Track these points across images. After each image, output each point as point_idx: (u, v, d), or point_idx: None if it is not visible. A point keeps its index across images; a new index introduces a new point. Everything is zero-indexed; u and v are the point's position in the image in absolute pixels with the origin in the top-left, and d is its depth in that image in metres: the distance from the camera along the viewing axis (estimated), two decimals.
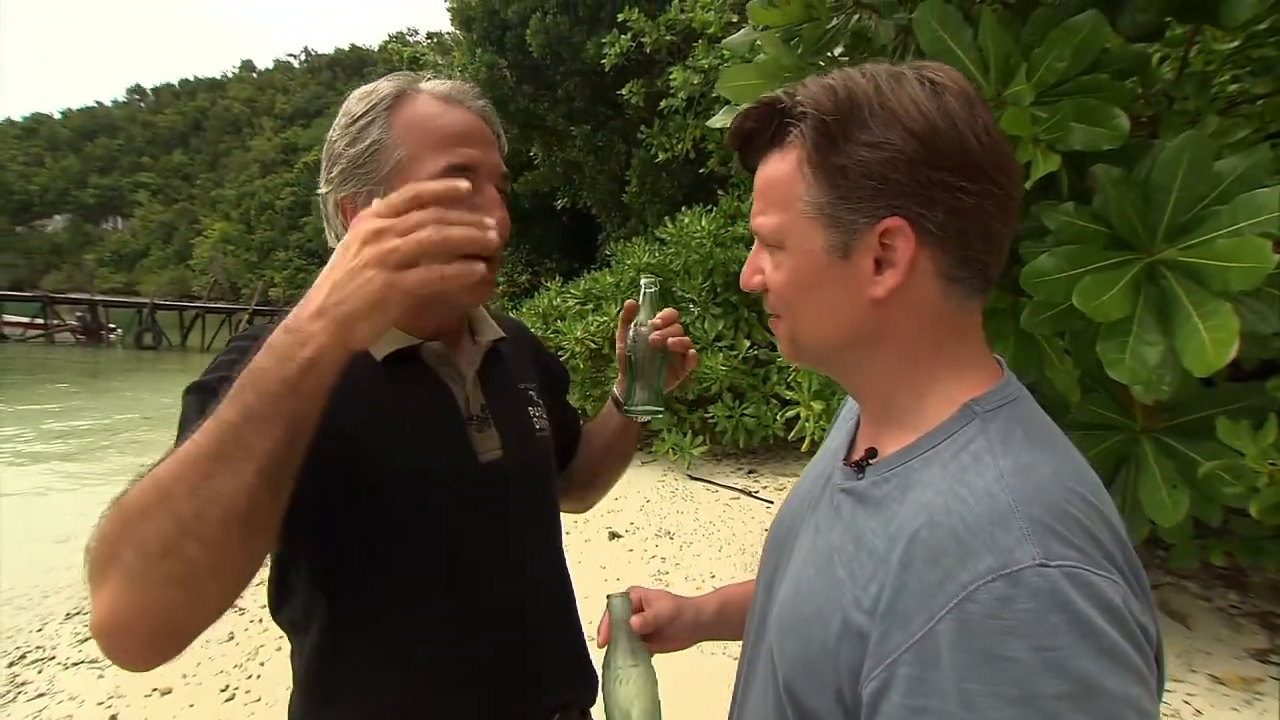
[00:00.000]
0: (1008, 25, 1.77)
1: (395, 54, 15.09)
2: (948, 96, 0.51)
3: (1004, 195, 0.52)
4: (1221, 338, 1.38)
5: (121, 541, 0.53)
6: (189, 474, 0.53)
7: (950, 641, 0.42)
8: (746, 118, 0.57)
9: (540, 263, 12.29)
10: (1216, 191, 1.51)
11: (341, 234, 0.80)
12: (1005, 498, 0.46)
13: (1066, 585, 0.41)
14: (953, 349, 0.56)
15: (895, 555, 0.48)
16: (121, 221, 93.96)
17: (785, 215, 0.55)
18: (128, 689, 2.63)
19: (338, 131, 0.79)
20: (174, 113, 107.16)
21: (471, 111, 0.81)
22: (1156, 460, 1.80)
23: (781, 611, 0.59)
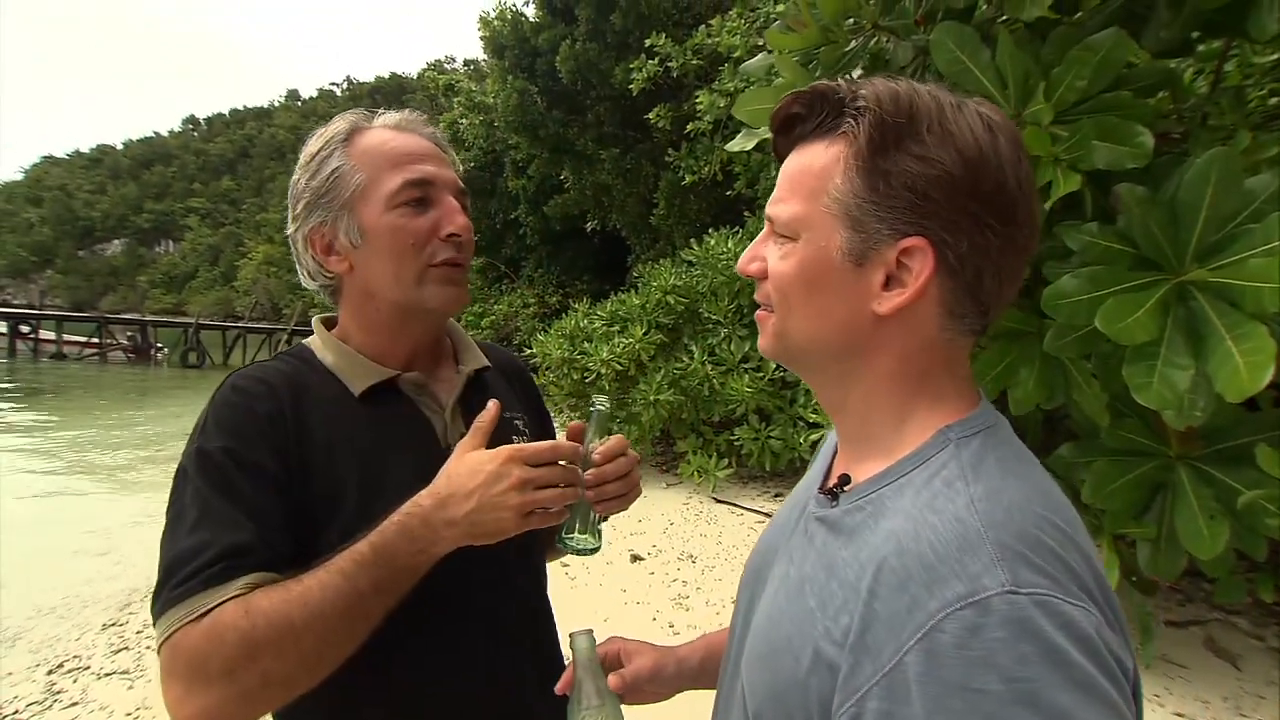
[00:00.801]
0: (1026, 45, 1.75)
1: (432, 81, 15.52)
2: (1001, 137, 0.51)
3: (1023, 245, 0.52)
4: (1257, 361, 1.32)
5: (245, 667, 0.62)
6: (319, 625, 0.64)
7: (919, 673, 0.41)
8: (795, 100, 0.55)
9: (571, 284, 12.42)
10: (1249, 209, 1.46)
11: (314, 270, 0.84)
12: (974, 523, 0.44)
13: (1037, 613, 0.40)
14: (937, 379, 0.55)
15: (864, 584, 0.46)
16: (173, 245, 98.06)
17: (809, 206, 0.54)
18: (154, 700, 2.69)
19: (299, 171, 0.84)
20: (224, 141, 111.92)
21: (421, 136, 0.85)
22: (1194, 489, 1.73)
23: (753, 643, 0.57)
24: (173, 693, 0.62)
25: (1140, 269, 1.52)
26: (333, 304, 0.88)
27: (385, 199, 0.80)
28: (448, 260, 0.82)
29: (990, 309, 0.53)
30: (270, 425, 0.74)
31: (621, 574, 3.81)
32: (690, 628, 3.11)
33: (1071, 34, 1.70)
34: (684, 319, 6.15)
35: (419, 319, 0.84)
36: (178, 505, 0.71)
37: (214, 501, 0.69)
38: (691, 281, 6.12)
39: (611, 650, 0.79)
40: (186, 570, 0.65)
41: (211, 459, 0.72)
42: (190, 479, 0.71)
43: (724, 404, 5.34)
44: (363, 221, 0.80)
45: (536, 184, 11.57)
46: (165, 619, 0.64)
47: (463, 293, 0.84)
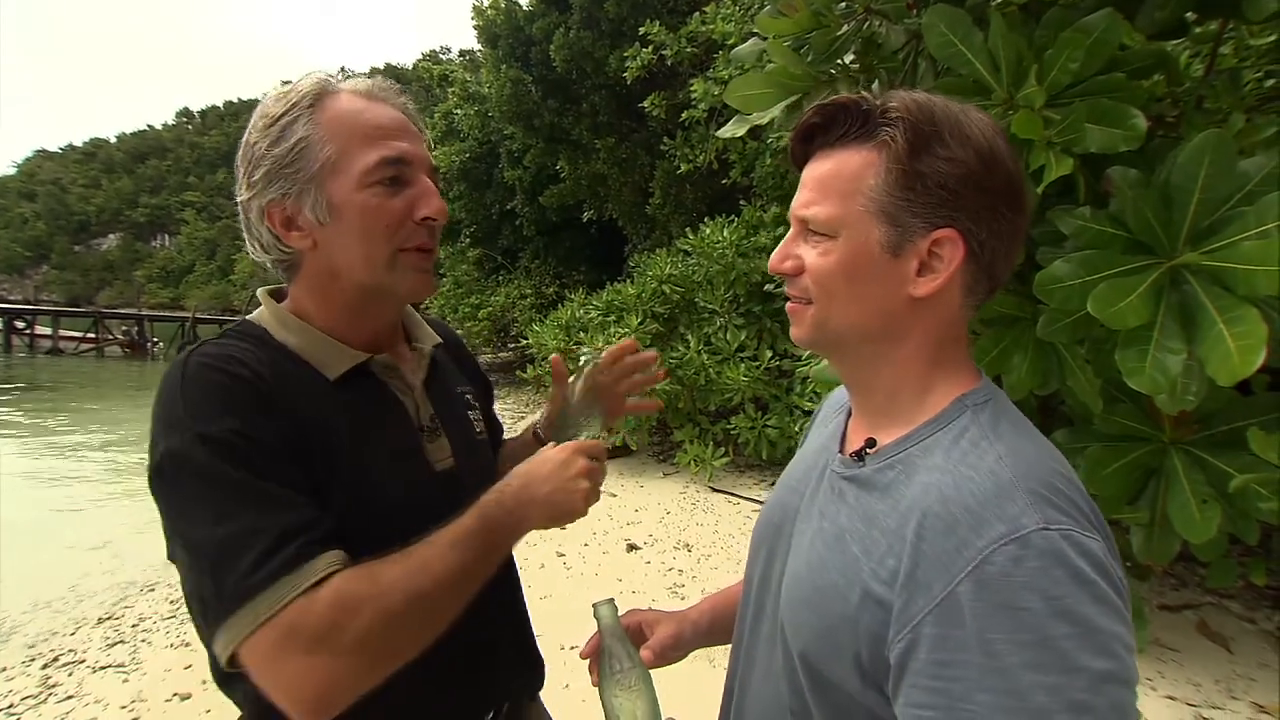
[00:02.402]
0: (1019, 27, 1.73)
1: (426, 72, 15.43)
2: (998, 136, 0.59)
3: (1022, 227, 0.61)
4: (1248, 344, 1.31)
5: (380, 636, 0.64)
6: (443, 595, 0.69)
7: (971, 599, 0.49)
8: (816, 113, 0.61)
9: (568, 275, 12.38)
10: (1242, 192, 1.45)
11: (269, 242, 0.78)
12: (1007, 474, 0.53)
13: (1064, 545, 0.49)
14: (952, 350, 0.63)
15: (910, 530, 0.54)
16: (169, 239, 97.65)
17: (845, 207, 0.59)
18: (150, 694, 2.70)
19: (257, 133, 0.76)
20: (219, 134, 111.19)
21: (395, 107, 0.80)
22: (1186, 473, 1.72)
23: (793, 590, 0.64)
24: (292, 668, 0.62)
25: (1133, 253, 1.51)
26: (285, 279, 0.83)
27: (359, 175, 0.74)
28: (419, 245, 0.79)
29: (999, 283, 0.62)
30: (262, 402, 0.70)
31: (617, 563, 3.82)
32: None
33: (1065, 16, 1.68)
34: (680, 309, 6.13)
35: (385, 303, 0.81)
36: (193, 500, 0.65)
37: (249, 484, 0.65)
38: (687, 271, 6.10)
39: (633, 622, 0.85)
40: (256, 554, 0.62)
41: (220, 442, 0.65)
42: (199, 468, 0.65)
43: (720, 393, 5.33)
44: (332, 198, 0.75)
45: (532, 174, 11.51)
46: (253, 606, 0.61)
47: (431, 279, 0.81)
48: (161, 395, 0.70)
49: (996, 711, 0.47)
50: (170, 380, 0.71)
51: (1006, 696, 0.46)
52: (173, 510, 0.67)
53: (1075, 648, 0.46)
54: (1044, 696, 0.46)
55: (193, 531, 0.65)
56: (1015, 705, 0.46)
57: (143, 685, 2.80)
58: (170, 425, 0.67)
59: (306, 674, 0.62)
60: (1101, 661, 0.46)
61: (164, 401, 0.69)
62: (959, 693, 0.48)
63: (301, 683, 0.62)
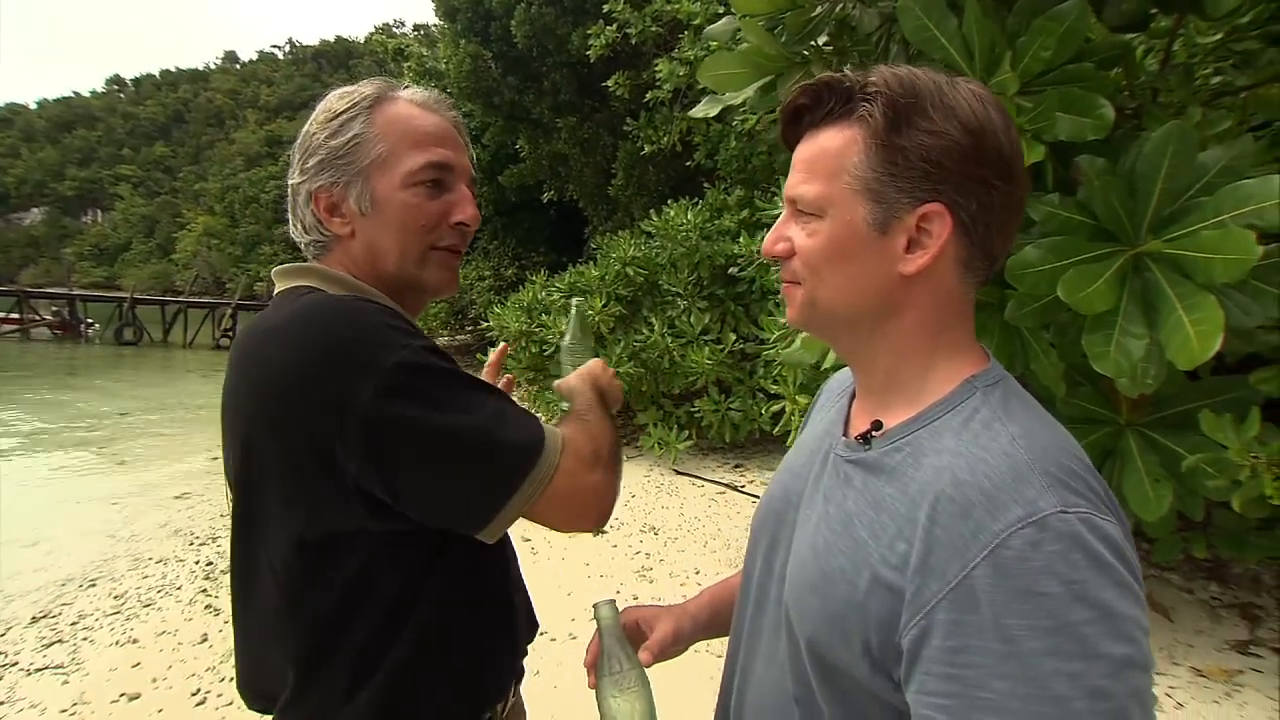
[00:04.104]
0: (992, 14, 1.74)
1: (380, 45, 14.86)
2: (990, 107, 0.58)
3: (1019, 199, 0.60)
4: (1206, 330, 1.36)
5: (614, 456, 0.83)
6: (614, 430, 0.86)
7: (987, 584, 0.48)
8: (801, 93, 0.61)
9: (527, 256, 12.20)
10: (1201, 183, 1.49)
11: (311, 224, 0.85)
12: (1022, 456, 0.52)
13: (1082, 528, 0.48)
14: (954, 330, 0.61)
15: (921, 514, 0.53)
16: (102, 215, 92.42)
17: (831, 186, 0.59)
18: (93, 695, 2.57)
19: (317, 125, 0.83)
20: (155, 104, 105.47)
21: (445, 119, 0.87)
22: (1140, 454, 1.79)
23: (799, 574, 0.63)
24: (590, 483, 0.78)
25: (1099, 240, 1.55)
26: (314, 259, 0.87)
27: (404, 175, 0.81)
28: (450, 246, 0.86)
29: (997, 258, 0.61)
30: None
31: (584, 547, 3.81)
32: (655, 599, 3.14)
33: (1036, 4, 1.70)
34: (643, 291, 6.10)
35: (413, 295, 0.87)
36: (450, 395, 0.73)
37: (476, 379, 0.76)
38: (651, 253, 6.06)
39: (630, 620, 0.85)
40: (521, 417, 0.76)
41: (441, 352, 0.75)
42: (441, 370, 0.73)
43: (684, 376, 5.34)
44: (376, 192, 0.81)
45: (491, 153, 11.25)
46: (549, 444, 0.75)
47: (456, 279, 0.89)
48: (332, 329, 0.72)
49: (1013, 699, 0.46)
50: (332, 317, 0.73)
51: (1024, 683, 0.46)
52: (427, 410, 0.71)
53: (1095, 634, 0.45)
54: (1063, 683, 0.45)
55: (461, 418, 0.72)
56: (1033, 692, 0.45)
57: (85, 686, 2.67)
58: (383, 345, 0.71)
59: (601, 485, 0.79)
60: (1121, 647, 0.46)
61: (350, 333, 0.71)
62: (974, 679, 0.47)
63: (600, 492, 0.78)
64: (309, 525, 0.73)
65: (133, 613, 3.46)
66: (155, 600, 3.61)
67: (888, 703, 0.56)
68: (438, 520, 0.74)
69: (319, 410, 0.69)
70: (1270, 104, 2.25)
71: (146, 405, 11.64)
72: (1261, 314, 1.54)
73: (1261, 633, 2.52)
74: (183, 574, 3.96)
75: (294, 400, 0.70)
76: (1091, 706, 0.45)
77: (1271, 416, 1.71)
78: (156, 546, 4.51)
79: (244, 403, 0.75)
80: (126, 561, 4.27)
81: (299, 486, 0.72)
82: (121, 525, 5.01)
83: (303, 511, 0.73)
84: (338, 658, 0.75)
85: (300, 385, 0.70)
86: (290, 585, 0.75)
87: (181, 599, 3.58)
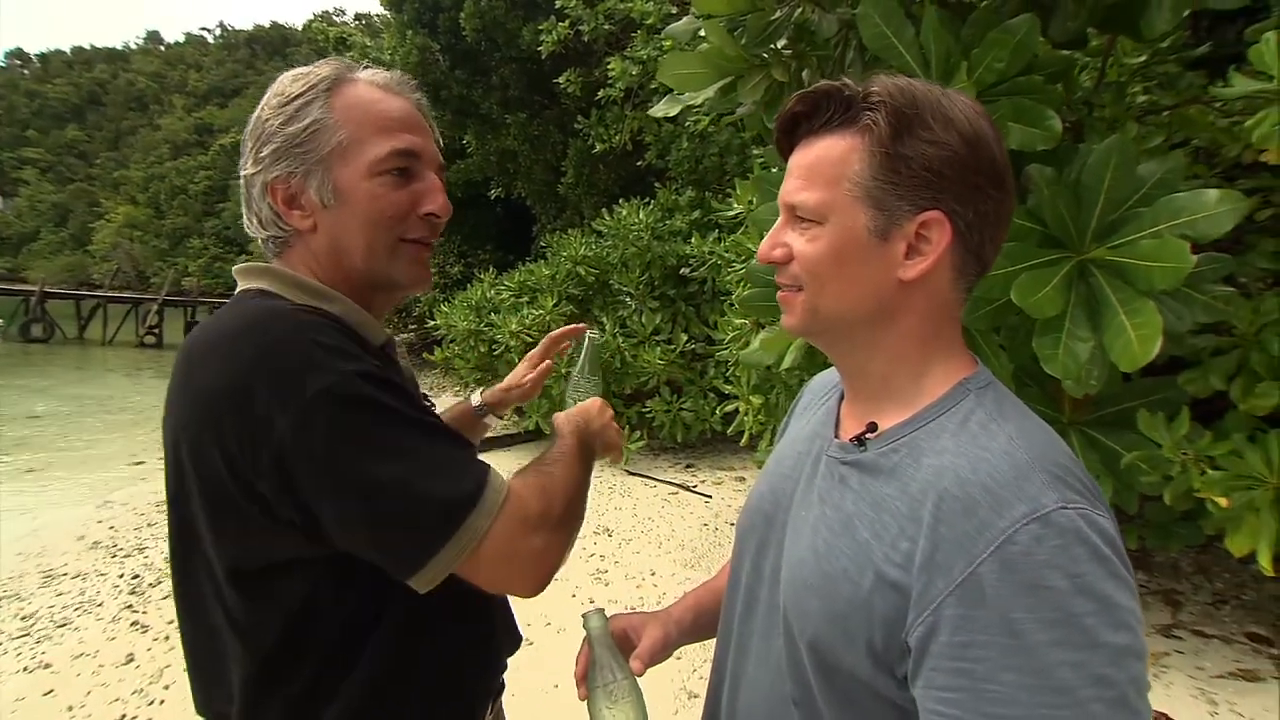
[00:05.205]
0: (947, 24, 1.79)
1: (320, 33, 14.30)
2: (982, 118, 0.59)
3: (1009, 208, 0.62)
4: (1146, 334, 1.43)
5: (572, 515, 0.77)
6: (585, 486, 0.81)
7: (994, 579, 0.49)
8: (799, 101, 0.62)
9: (474, 254, 11.97)
10: (1139, 194, 1.58)
11: (269, 218, 0.78)
12: (1022, 455, 0.54)
13: (1082, 524, 0.49)
14: (947, 334, 0.63)
15: (925, 512, 0.54)
16: (3, 201, 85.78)
17: (832, 192, 0.60)
18: None
19: (270, 110, 0.77)
20: (66, 83, 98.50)
21: (409, 101, 0.81)
22: (1082, 452, 1.87)
23: (798, 577, 0.63)
24: (529, 547, 0.71)
25: (1048, 246, 1.61)
26: (274, 255, 0.80)
27: (369, 164, 0.76)
28: (420, 238, 0.80)
29: (987, 266, 0.63)
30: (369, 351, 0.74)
31: None
32: (611, 602, 3.11)
33: (990, 17, 1.76)
34: (594, 290, 6.07)
35: (383, 293, 0.82)
36: (378, 433, 0.66)
37: (417, 416, 0.70)
38: (602, 252, 6.04)
39: (618, 628, 0.84)
40: (460, 469, 0.69)
41: (381, 380, 0.68)
42: (370, 402, 0.66)
43: (635, 376, 5.34)
44: (339, 182, 0.76)
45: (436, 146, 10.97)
46: (482, 506, 0.68)
47: (428, 274, 0.83)
48: (261, 349, 0.66)
49: (1021, 690, 0.47)
50: (266, 333, 0.68)
51: (1031, 674, 0.47)
52: (347, 448, 0.64)
53: (1097, 624, 0.47)
54: (1068, 672, 0.47)
55: (382, 465, 0.65)
56: (1040, 683, 0.47)
57: None
58: (311, 370, 0.65)
59: (541, 551, 0.72)
60: (1121, 636, 0.48)
61: (276, 350, 0.66)
62: (983, 673, 0.48)
63: (539, 558, 0.72)
64: (242, 555, 0.68)
65: (44, 634, 3.18)
66: (72, 619, 3.32)
67: (890, 701, 0.56)
68: (370, 559, 0.68)
69: (235, 437, 0.64)
70: (1191, 123, 2.40)
71: (60, 407, 10.87)
72: (1191, 319, 1.64)
73: (1183, 616, 2.69)
74: (104, 589, 3.67)
75: (214, 421, 0.65)
76: (1096, 694, 0.47)
77: (1197, 415, 1.83)
78: (73, 561, 4.17)
79: (177, 412, 0.70)
80: (36, 578, 3.92)
81: (227, 513, 0.67)
82: (30, 538, 4.63)
83: (232, 541, 0.68)
84: (290, 684, 0.70)
85: (221, 407, 0.65)
86: (230, 613, 0.70)
87: (103, 616, 3.32)
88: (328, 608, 0.70)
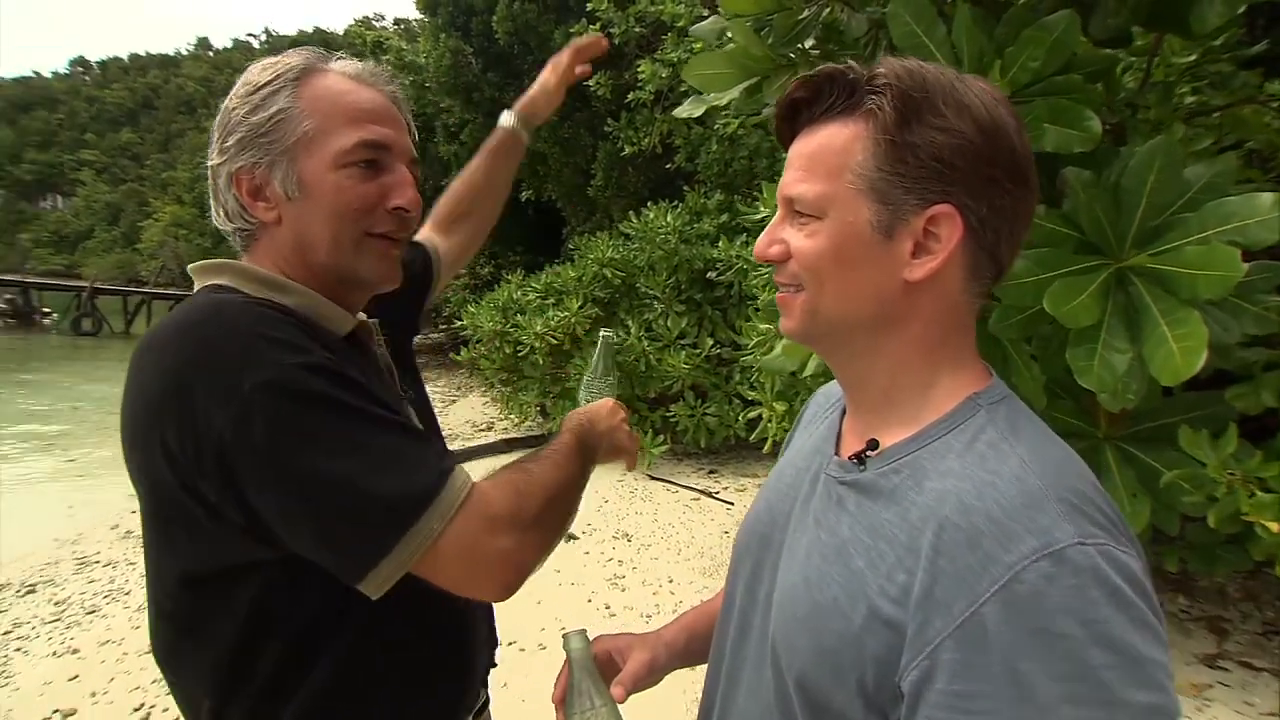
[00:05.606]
0: (981, 23, 1.73)
1: (359, 38, 14.63)
2: (1001, 105, 0.54)
3: (1030, 204, 0.56)
4: (1190, 346, 1.35)
5: (548, 513, 0.73)
6: (573, 491, 0.78)
7: (998, 622, 0.44)
8: (800, 86, 0.57)
9: (504, 255, 12.05)
10: (1185, 198, 1.49)
11: (234, 210, 0.75)
12: (1034, 481, 0.48)
13: (1102, 562, 0.44)
14: (956, 343, 0.57)
15: (924, 543, 0.49)
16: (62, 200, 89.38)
17: (832, 185, 0.55)
18: (21, 712, 2.40)
19: (237, 99, 0.75)
20: (122, 88, 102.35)
21: (382, 93, 0.79)
22: (1119, 468, 1.79)
23: (788, 606, 0.58)
24: (494, 549, 0.67)
25: (1084, 253, 1.54)
26: (242, 249, 0.79)
27: (334, 156, 0.73)
28: (387, 233, 0.77)
29: (1005, 265, 0.57)
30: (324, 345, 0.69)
31: (556, 554, 3.66)
32: (626, 608, 3.08)
33: (1025, 15, 1.69)
34: (621, 293, 6.04)
35: (350, 289, 0.79)
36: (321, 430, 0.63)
37: (371, 409, 0.66)
38: (629, 255, 6.01)
39: (602, 651, 0.79)
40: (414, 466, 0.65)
41: (329, 371, 0.65)
42: (317, 397, 0.63)
43: (660, 380, 5.30)
44: (303, 173, 0.73)
45: (469, 150, 11.05)
46: (437, 506, 0.64)
47: (397, 270, 0.80)
48: (203, 343, 0.64)
49: None
50: (208, 325, 0.66)
51: None
52: (289, 443, 0.61)
53: (1117, 679, 0.42)
54: None
55: (327, 462, 0.62)
56: None
57: (13, 703, 2.48)
58: (250, 364, 0.62)
59: (508, 552, 0.68)
60: (1145, 694, 0.42)
61: (215, 344, 0.64)
62: None
63: (505, 560, 0.68)
64: (192, 559, 0.66)
65: (74, 620, 3.28)
66: (100, 606, 3.42)
67: None
68: (319, 560, 0.65)
69: (176, 436, 0.62)
70: (1244, 124, 2.29)
71: (102, 400, 11.24)
72: (1239, 331, 1.54)
73: (1229, 646, 2.55)
74: (133, 578, 3.76)
75: (156, 421, 0.63)
76: None
77: (1246, 433, 1.72)
78: (105, 549, 4.29)
79: (124, 413, 0.69)
80: (71, 565, 4.05)
81: (174, 516, 0.65)
82: (68, 527, 4.78)
83: (181, 544, 0.66)
84: (249, 683, 0.68)
85: (161, 406, 0.63)
86: (181, 620, 0.69)
87: (129, 605, 3.41)
88: (283, 610, 0.68)
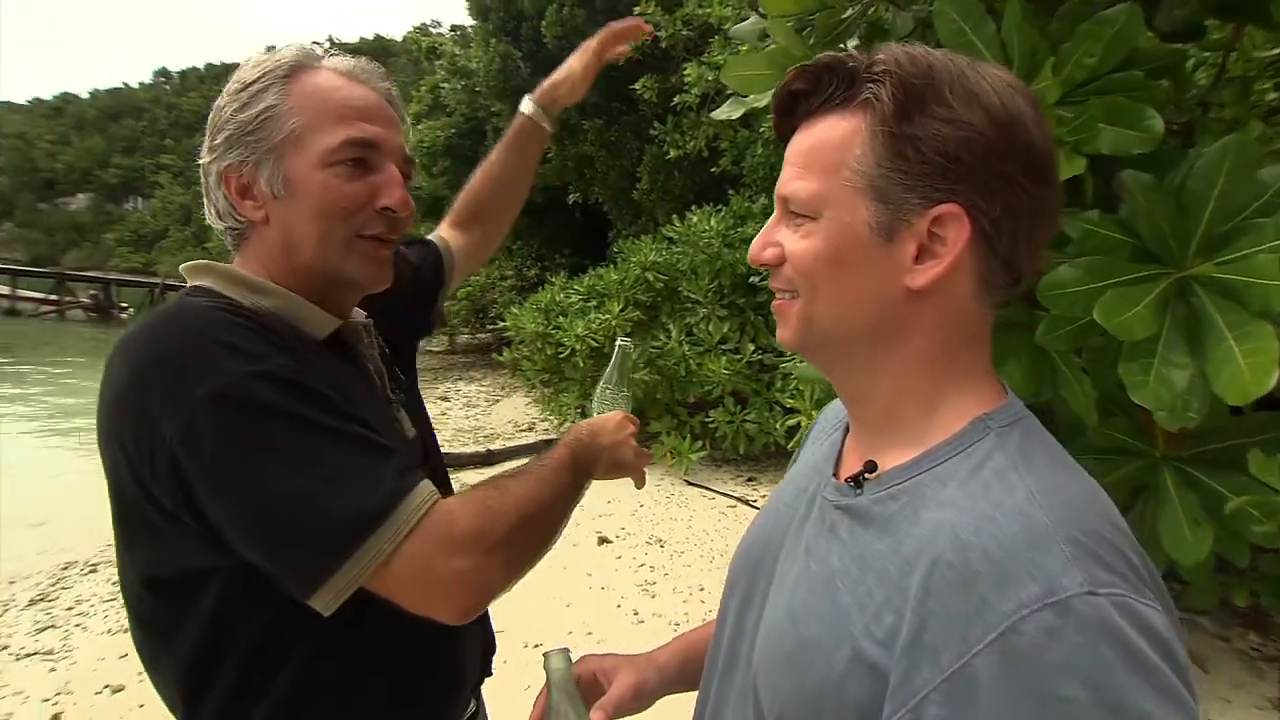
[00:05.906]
0: (1033, 19, 1.64)
1: (415, 44, 15.06)
2: (1020, 96, 0.50)
3: (1052, 205, 0.51)
4: (1260, 363, 1.25)
5: (520, 532, 0.70)
6: (556, 508, 0.76)
7: (991, 678, 0.39)
8: (798, 77, 0.53)
9: (550, 258, 12.19)
10: (1259, 202, 1.38)
11: (225, 209, 0.75)
12: (1040, 518, 0.43)
13: (1115, 615, 0.39)
14: (966, 357, 0.53)
15: (914, 581, 0.44)
16: (142, 202, 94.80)
17: (828, 182, 0.51)
18: (77, 685, 2.54)
19: (226, 98, 0.76)
20: (197, 95, 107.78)
21: (375, 90, 0.77)
22: (1178, 492, 1.67)
23: (772, 641, 0.55)
24: (450, 571, 0.65)
25: (1141, 261, 1.44)
26: (233, 248, 0.79)
27: (321, 154, 0.72)
28: (376, 235, 0.76)
29: (1023, 273, 0.52)
30: (288, 346, 0.68)
31: (588, 557, 3.73)
32: (655, 615, 3.05)
33: (1082, 9, 1.60)
34: (663, 297, 6.03)
35: (338, 290, 0.78)
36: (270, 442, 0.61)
37: (325, 419, 0.64)
38: (672, 259, 5.99)
39: (587, 671, 0.76)
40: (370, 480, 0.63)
41: (285, 380, 0.63)
42: (269, 408, 0.61)
43: (700, 385, 5.25)
44: (289, 172, 0.73)
45: None
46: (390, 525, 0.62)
47: (387, 272, 0.78)
48: (160, 349, 0.64)
49: None
50: (169, 329, 0.65)
51: None
52: (237, 454, 0.61)
53: None
54: None
55: (275, 478, 0.61)
56: None
57: (71, 675, 2.62)
58: (204, 372, 0.61)
59: (465, 574, 0.65)
60: None
61: (173, 350, 0.63)
62: None
63: (462, 582, 0.66)
64: (154, 561, 0.66)
65: None
66: None
67: None
68: (271, 574, 0.64)
69: (133, 439, 0.62)
70: None
71: None
72: None
73: None
74: None
75: (117, 423, 0.63)
76: None
77: None
78: None
79: (98, 409, 0.69)
80: None
81: (134, 518, 0.65)
82: None
83: (142, 547, 0.66)
84: (216, 684, 0.68)
85: (121, 408, 0.63)
86: (151, 623, 0.69)
87: None
88: (245, 615, 0.67)
